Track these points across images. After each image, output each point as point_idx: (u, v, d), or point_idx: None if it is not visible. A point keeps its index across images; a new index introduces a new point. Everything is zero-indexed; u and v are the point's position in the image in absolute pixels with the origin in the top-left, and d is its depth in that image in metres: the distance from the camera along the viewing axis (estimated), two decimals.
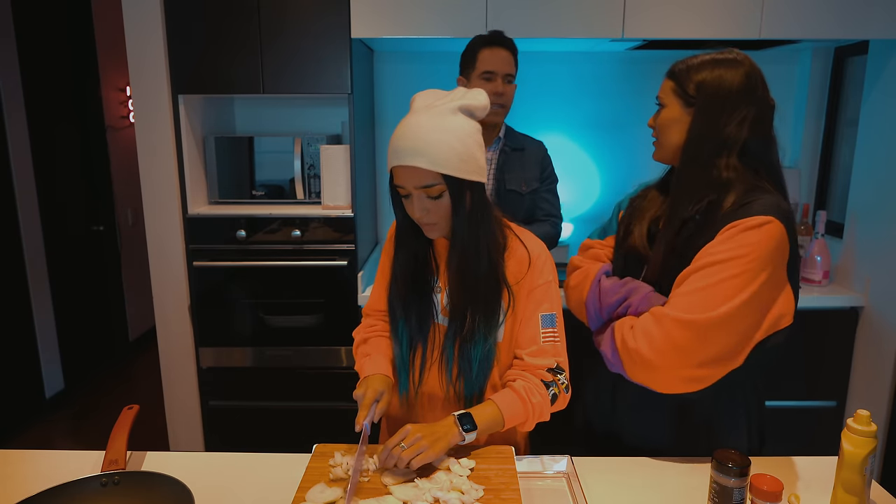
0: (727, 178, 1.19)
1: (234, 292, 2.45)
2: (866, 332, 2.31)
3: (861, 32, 2.18)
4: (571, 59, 2.74)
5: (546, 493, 1.19)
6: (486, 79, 1.95)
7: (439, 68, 2.75)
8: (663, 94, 1.27)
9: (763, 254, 1.12)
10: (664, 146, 1.28)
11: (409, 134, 1.14)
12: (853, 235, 2.40)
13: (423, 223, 1.22)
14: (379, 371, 1.28)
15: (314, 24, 2.27)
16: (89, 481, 1.08)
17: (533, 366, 1.25)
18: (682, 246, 1.21)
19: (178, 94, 2.35)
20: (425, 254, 1.30)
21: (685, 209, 1.21)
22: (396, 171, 1.17)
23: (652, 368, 1.16)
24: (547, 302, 1.28)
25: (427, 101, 1.19)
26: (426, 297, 1.29)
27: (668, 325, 1.14)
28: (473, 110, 1.19)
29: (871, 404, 2.26)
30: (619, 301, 1.26)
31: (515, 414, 1.21)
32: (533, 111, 2.79)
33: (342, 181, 2.42)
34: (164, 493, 1.07)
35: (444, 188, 1.16)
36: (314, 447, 1.24)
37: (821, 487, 1.15)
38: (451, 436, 1.15)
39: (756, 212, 1.14)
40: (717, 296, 1.12)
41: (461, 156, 1.15)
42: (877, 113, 2.29)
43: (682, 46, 2.40)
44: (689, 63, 1.24)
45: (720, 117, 1.20)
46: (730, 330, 1.13)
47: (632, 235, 1.32)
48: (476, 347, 1.24)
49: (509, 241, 1.28)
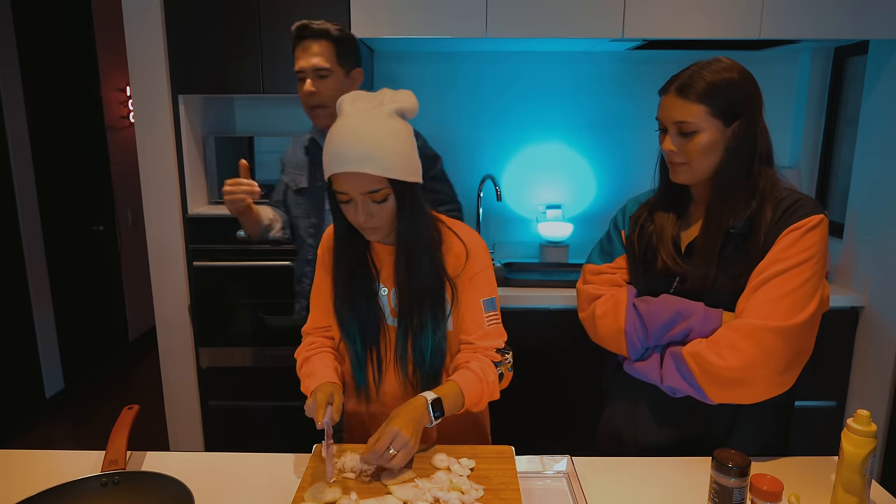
0: (763, 187, 1.22)
1: (234, 292, 2.45)
2: (866, 332, 2.31)
3: (861, 32, 2.18)
4: (571, 59, 2.74)
5: (546, 493, 1.19)
6: (300, 79, 1.74)
7: (439, 68, 2.75)
8: (698, 119, 1.20)
9: (825, 250, 1.20)
10: (699, 169, 1.24)
11: (352, 140, 1.13)
12: (853, 235, 2.40)
13: (366, 227, 1.21)
14: (326, 381, 1.28)
15: None
16: (89, 481, 1.09)
17: (483, 347, 1.30)
18: (727, 257, 1.23)
19: (178, 94, 2.35)
20: (364, 258, 1.31)
21: (727, 222, 1.23)
22: (339, 178, 1.16)
23: (744, 383, 1.17)
24: (486, 287, 1.31)
25: (357, 104, 1.18)
26: (372, 301, 1.30)
27: (762, 335, 1.15)
28: (406, 112, 1.20)
29: (871, 404, 2.26)
30: (672, 323, 1.24)
31: (474, 393, 1.26)
32: (532, 111, 2.79)
33: None
34: (163, 493, 1.07)
35: (389, 192, 1.17)
36: (314, 447, 1.24)
37: (821, 487, 1.15)
38: (424, 421, 1.18)
39: (808, 212, 1.19)
40: (802, 299, 1.16)
41: (405, 158, 1.17)
42: (877, 113, 2.29)
43: (682, 46, 2.40)
44: (711, 82, 1.20)
45: (757, 127, 1.23)
46: (813, 327, 1.18)
47: (659, 259, 1.30)
48: (426, 341, 1.27)
49: (444, 235, 1.30)
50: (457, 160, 2.81)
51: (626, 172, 2.82)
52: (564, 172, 2.85)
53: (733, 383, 1.17)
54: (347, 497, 1.07)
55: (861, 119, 2.38)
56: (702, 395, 1.21)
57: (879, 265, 2.25)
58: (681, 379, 1.22)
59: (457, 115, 2.79)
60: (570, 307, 2.30)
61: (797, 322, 1.15)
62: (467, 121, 2.80)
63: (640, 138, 2.78)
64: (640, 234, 1.36)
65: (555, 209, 2.83)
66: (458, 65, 2.75)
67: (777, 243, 1.18)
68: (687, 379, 1.22)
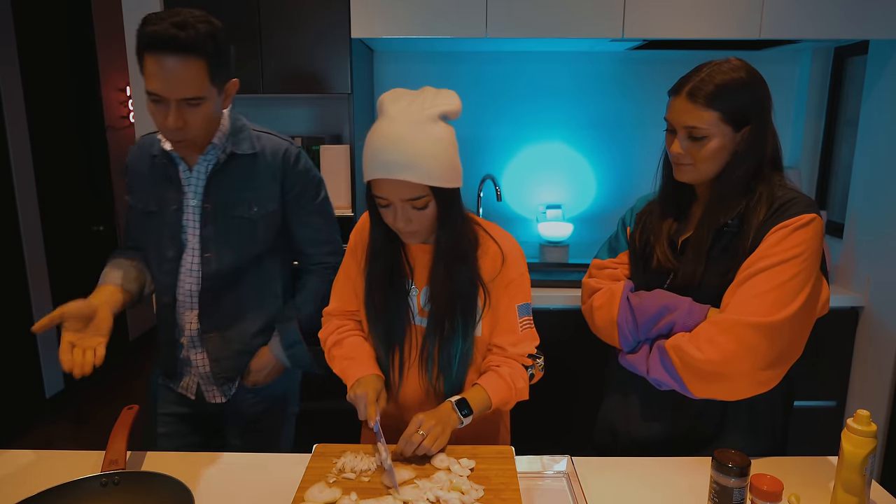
0: (761, 187, 1.23)
1: None
2: (866, 332, 2.31)
3: (861, 32, 2.18)
4: (571, 59, 2.74)
5: (546, 493, 1.19)
6: (154, 101, 1.28)
7: (439, 68, 2.75)
8: (709, 126, 1.21)
9: (816, 249, 1.19)
10: (704, 171, 1.25)
11: (394, 145, 1.11)
12: (853, 235, 2.40)
13: (404, 232, 1.21)
14: (369, 372, 1.29)
15: (314, 24, 2.27)
16: (89, 481, 1.08)
17: (516, 353, 1.30)
18: (717, 254, 1.24)
19: None
20: (399, 257, 1.30)
21: (720, 219, 1.24)
22: (379, 183, 1.15)
23: (723, 378, 1.18)
24: (522, 293, 1.31)
25: (400, 104, 1.15)
26: (402, 299, 1.30)
27: (741, 330, 1.15)
28: (450, 115, 1.18)
29: (871, 404, 2.26)
30: (658, 316, 1.26)
31: (501, 397, 1.27)
32: (532, 111, 2.79)
33: (342, 181, 2.42)
34: (164, 493, 1.07)
35: (430, 199, 1.16)
36: (314, 447, 1.24)
37: (821, 487, 1.15)
38: (452, 421, 1.20)
39: (800, 210, 1.19)
40: (786, 295, 1.15)
41: (447, 166, 1.15)
42: (877, 113, 2.29)
43: (682, 46, 2.40)
44: (723, 87, 1.20)
45: (766, 131, 1.24)
46: (796, 326, 1.17)
47: (655, 257, 1.32)
48: (456, 346, 1.27)
49: (480, 239, 1.30)
50: None
51: (626, 172, 2.82)
52: (564, 172, 2.85)
53: (713, 377, 1.18)
54: (347, 497, 1.07)
55: (861, 119, 2.38)
56: (684, 388, 1.22)
57: (879, 265, 2.25)
58: (664, 371, 1.24)
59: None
60: (571, 307, 2.30)
61: (778, 319, 1.14)
62: (467, 121, 2.79)
63: (641, 138, 2.78)
64: (641, 231, 1.38)
65: (555, 209, 2.83)
66: (458, 65, 2.75)
67: (765, 240, 1.18)
68: (669, 371, 1.23)
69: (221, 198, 1.44)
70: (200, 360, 1.52)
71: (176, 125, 1.28)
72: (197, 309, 1.47)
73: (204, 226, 1.44)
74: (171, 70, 1.24)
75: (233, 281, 1.47)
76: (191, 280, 1.46)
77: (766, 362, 1.16)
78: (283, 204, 1.49)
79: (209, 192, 1.44)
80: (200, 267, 1.45)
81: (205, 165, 1.44)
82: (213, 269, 1.45)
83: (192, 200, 1.45)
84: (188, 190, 1.44)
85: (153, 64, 1.24)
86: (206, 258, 1.45)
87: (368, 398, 1.20)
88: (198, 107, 1.31)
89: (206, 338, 1.49)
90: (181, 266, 1.46)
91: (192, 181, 1.44)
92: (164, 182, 1.45)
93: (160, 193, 1.46)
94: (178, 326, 1.50)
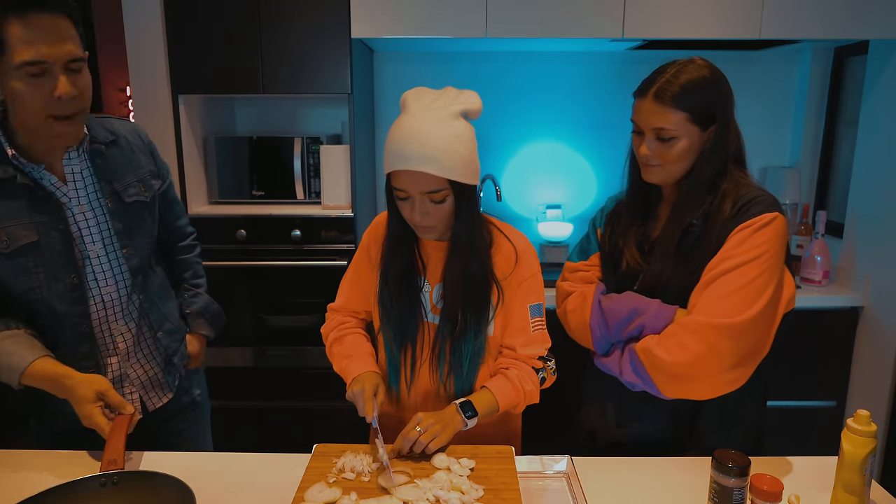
0: (726, 185, 1.23)
1: (234, 292, 2.45)
2: (866, 332, 2.31)
3: (861, 32, 2.18)
4: (571, 58, 2.74)
5: (546, 493, 1.19)
6: (34, 74, 1.12)
7: (439, 68, 2.75)
8: (677, 127, 1.21)
9: (778, 248, 1.19)
10: (673, 172, 1.26)
11: (416, 139, 1.13)
12: (853, 235, 2.40)
13: (420, 226, 1.22)
14: (368, 369, 1.30)
15: (314, 24, 2.27)
16: (88, 482, 1.08)
17: (525, 356, 1.30)
18: (684, 253, 1.24)
19: (178, 94, 2.35)
20: (414, 253, 1.31)
21: (686, 219, 1.24)
22: (399, 175, 1.17)
23: (691, 379, 1.18)
24: (535, 293, 1.32)
25: (423, 101, 1.18)
26: (415, 296, 1.30)
27: (706, 332, 1.15)
28: (470, 113, 1.20)
29: (871, 404, 2.26)
30: (628, 319, 1.26)
31: (509, 400, 1.27)
32: (532, 111, 2.79)
33: (342, 181, 2.42)
34: (165, 492, 1.06)
35: (448, 193, 1.18)
36: (314, 447, 1.24)
37: (821, 487, 1.15)
38: (456, 423, 1.20)
39: (762, 210, 1.19)
40: (748, 297, 1.15)
41: (467, 161, 1.17)
42: (877, 113, 2.29)
43: (682, 46, 2.40)
44: (688, 87, 1.20)
45: (729, 128, 1.24)
46: (761, 326, 1.17)
47: (624, 260, 1.32)
48: (467, 344, 1.27)
49: (494, 238, 1.31)
50: None
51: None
52: (564, 172, 2.85)
53: (682, 378, 1.19)
54: (347, 497, 1.07)
55: (861, 119, 2.37)
56: (654, 389, 1.23)
57: (879, 265, 2.25)
58: (635, 373, 1.24)
59: None
60: None
61: (743, 319, 1.15)
62: None
63: None
64: (610, 233, 1.39)
65: (555, 209, 2.83)
66: (458, 64, 2.75)
67: (728, 240, 1.19)
68: (640, 373, 1.23)
69: (112, 188, 1.33)
70: (143, 367, 1.43)
71: (68, 92, 1.13)
72: (133, 310, 1.39)
73: (114, 222, 1.32)
74: (43, 26, 1.08)
75: (148, 268, 1.43)
76: (111, 288, 1.34)
77: (732, 362, 1.17)
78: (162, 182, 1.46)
79: (101, 186, 1.31)
80: (122, 267, 1.35)
81: (77, 162, 1.29)
82: (136, 264, 1.37)
83: (83, 203, 1.29)
84: (71, 195, 1.28)
85: (20, 24, 1.07)
86: (127, 254, 1.35)
87: (366, 394, 1.21)
88: (81, 72, 1.16)
89: (147, 336, 1.42)
90: (91, 282, 1.31)
91: (74, 183, 1.28)
92: (26, 204, 1.22)
93: (30, 218, 1.22)
94: (99, 352, 1.35)
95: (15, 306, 1.27)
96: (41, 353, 1.24)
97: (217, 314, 1.65)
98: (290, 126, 2.80)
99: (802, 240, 2.48)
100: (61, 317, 1.29)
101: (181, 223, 1.60)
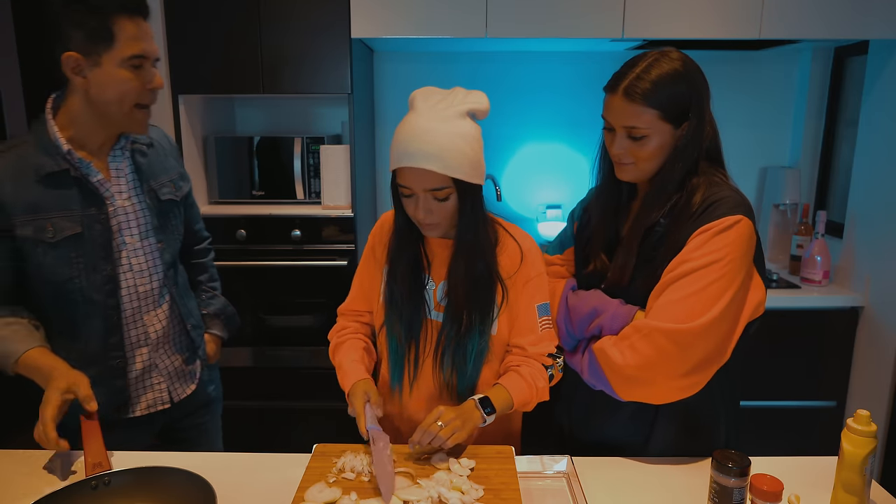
0: (695, 182, 1.20)
1: (234, 292, 2.44)
2: (866, 332, 2.31)
3: (861, 32, 2.18)
4: (571, 58, 2.74)
5: (546, 493, 1.19)
6: (135, 67, 1.26)
7: (439, 68, 2.75)
8: (649, 125, 1.17)
9: (739, 253, 1.14)
10: (647, 170, 1.23)
11: (421, 137, 1.14)
12: (853, 235, 2.40)
13: (424, 223, 1.23)
14: (358, 379, 1.30)
15: (314, 24, 2.27)
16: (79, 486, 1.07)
17: (536, 353, 1.30)
18: (649, 251, 1.22)
19: (178, 94, 2.35)
20: (419, 250, 1.32)
21: (652, 216, 1.22)
22: (404, 172, 1.18)
23: (644, 383, 1.17)
24: (541, 293, 1.32)
25: (430, 101, 1.19)
26: (419, 294, 1.31)
27: (656, 337, 1.14)
28: (478, 114, 1.22)
29: (871, 404, 2.26)
30: (589, 318, 1.26)
31: (523, 397, 1.27)
32: (532, 111, 2.79)
33: (342, 181, 2.42)
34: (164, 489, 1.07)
35: (452, 191, 1.19)
36: (314, 447, 1.24)
37: (821, 487, 1.15)
38: (475, 419, 1.20)
39: (725, 212, 1.15)
40: (702, 302, 1.12)
41: (471, 161, 1.18)
42: (877, 113, 2.29)
43: (681, 46, 2.39)
44: (659, 82, 1.16)
45: (704, 123, 1.20)
46: (715, 333, 1.14)
47: (594, 263, 1.31)
48: (472, 343, 1.27)
49: (500, 237, 1.31)
50: None
51: None
52: (564, 172, 2.85)
53: (634, 382, 1.17)
54: (347, 497, 1.07)
55: (861, 119, 2.38)
56: (611, 391, 1.21)
57: (879, 265, 2.25)
58: (593, 373, 1.23)
59: None
60: None
61: (695, 326, 1.11)
62: None
63: None
64: (582, 229, 1.38)
65: (555, 209, 2.83)
66: (458, 64, 2.75)
67: (689, 242, 1.16)
68: (598, 374, 1.22)
69: (150, 186, 1.41)
70: (171, 357, 1.48)
71: (162, 84, 1.32)
72: (165, 303, 1.44)
73: (151, 217, 1.40)
74: (144, 28, 1.28)
75: (175, 264, 1.50)
76: (145, 280, 1.40)
77: (684, 368, 1.14)
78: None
79: (140, 183, 1.40)
80: (156, 260, 1.41)
81: (122, 160, 1.37)
82: (168, 258, 1.45)
83: (125, 198, 1.37)
84: (114, 190, 1.35)
85: (130, 23, 1.24)
86: (161, 248, 1.42)
87: (357, 409, 1.23)
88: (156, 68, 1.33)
89: (177, 327, 1.49)
90: (126, 273, 1.36)
91: (117, 179, 1.36)
92: (75, 197, 1.29)
93: (78, 211, 1.30)
94: (129, 343, 1.39)
95: (49, 296, 1.33)
96: (37, 343, 1.28)
97: (232, 316, 1.71)
98: (290, 126, 2.80)
99: (802, 240, 2.48)
100: (96, 306, 1.34)
101: (199, 227, 1.67)
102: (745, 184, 2.77)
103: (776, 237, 2.68)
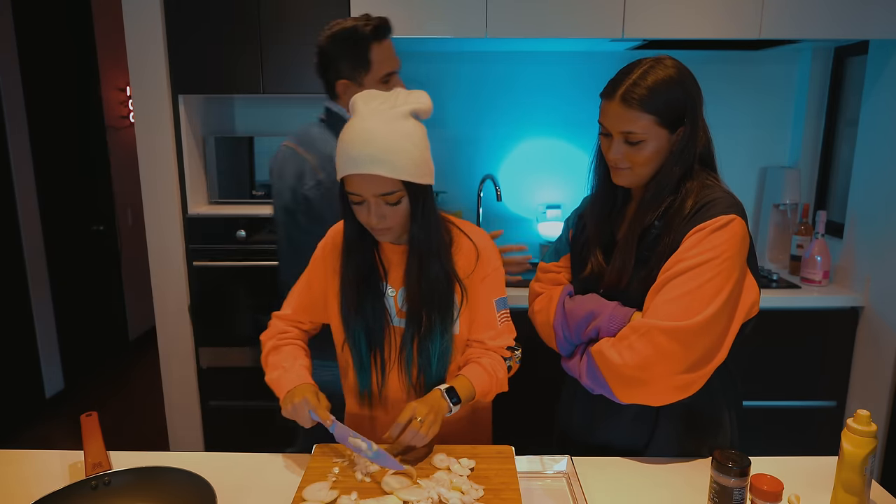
0: (689, 185, 1.22)
1: (234, 292, 2.45)
2: (866, 332, 2.31)
3: (861, 32, 2.18)
4: (571, 59, 2.74)
5: (546, 493, 1.19)
6: (386, 81, 1.60)
7: (439, 68, 2.75)
8: (645, 130, 1.19)
9: (733, 252, 1.15)
10: (643, 175, 1.24)
11: (365, 140, 1.12)
12: (853, 235, 2.40)
13: (377, 228, 1.21)
14: (303, 381, 1.29)
15: (314, 24, 2.26)
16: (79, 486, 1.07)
17: (495, 346, 1.31)
18: (645, 253, 1.23)
19: (178, 94, 2.35)
20: (374, 258, 1.30)
21: (647, 219, 1.23)
22: (352, 180, 1.16)
23: (642, 383, 1.17)
24: (498, 288, 1.33)
25: (371, 104, 1.17)
26: (378, 302, 1.30)
27: (655, 336, 1.14)
28: (421, 113, 1.19)
29: (871, 404, 2.26)
30: (585, 321, 1.26)
31: (484, 387, 1.27)
32: (532, 111, 2.79)
33: None
34: (164, 488, 1.07)
35: (403, 194, 1.17)
36: (314, 447, 1.24)
37: (821, 487, 1.15)
38: (443, 409, 1.19)
39: (718, 212, 1.17)
40: (698, 300, 1.13)
41: (418, 161, 1.16)
42: (877, 113, 2.29)
43: (682, 46, 2.40)
44: (656, 88, 1.18)
45: (698, 128, 1.23)
46: (712, 331, 1.15)
47: (590, 266, 1.31)
48: (434, 344, 1.27)
49: (454, 236, 1.31)
50: (457, 160, 2.81)
51: None
52: (564, 172, 2.85)
53: (633, 382, 1.18)
54: (347, 497, 1.07)
55: (861, 119, 2.38)
56: (610, 393, 1.22)
57: (879, 265, 2.25)
58: (592, 377, 1.23)
59: (457, 115, 2.79)
60: None
61: (692, 324, 1.12)
62: (467, 121, 2.80)
63: None
64: (577, 235, 1.38)
65: (555, 209, 2.83)
66: (458, 65, 2.75)
67: (683, 242, 1.17)
68: (597, 377, 1.22)
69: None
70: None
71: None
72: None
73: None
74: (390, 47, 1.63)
75: None
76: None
77: (683, 367, 1.14)
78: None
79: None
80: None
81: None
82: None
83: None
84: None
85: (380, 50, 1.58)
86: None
87: (311, 403, 1.20)
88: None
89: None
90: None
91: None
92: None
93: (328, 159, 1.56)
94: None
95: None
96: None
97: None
98: (289, 126, 2.80)
99: (802, 240, 2.48)
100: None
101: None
102: (745, 184, 2.78)
103: (776, 237, 2.68)
